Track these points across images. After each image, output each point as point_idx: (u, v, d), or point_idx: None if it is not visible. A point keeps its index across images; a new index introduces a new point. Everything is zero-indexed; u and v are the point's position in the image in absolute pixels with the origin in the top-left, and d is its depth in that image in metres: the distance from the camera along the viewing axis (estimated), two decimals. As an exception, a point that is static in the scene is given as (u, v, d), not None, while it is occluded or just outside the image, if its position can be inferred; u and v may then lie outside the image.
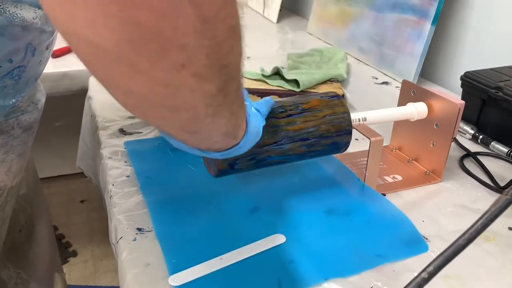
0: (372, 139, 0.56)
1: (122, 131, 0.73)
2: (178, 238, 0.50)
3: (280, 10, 1.47)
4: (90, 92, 0.87)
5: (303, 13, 1.56)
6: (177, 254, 0.48)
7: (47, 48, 0.57)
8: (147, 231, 0.51)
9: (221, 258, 0.47)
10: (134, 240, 0.50)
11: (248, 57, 1.09)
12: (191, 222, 0.53)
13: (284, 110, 0.51)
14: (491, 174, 0.66)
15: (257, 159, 0.50)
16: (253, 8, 1.61)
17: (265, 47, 1.24)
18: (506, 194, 0.32)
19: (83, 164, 0.91)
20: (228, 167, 0.49)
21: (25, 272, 0.78)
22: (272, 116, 0.50)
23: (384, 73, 1.05)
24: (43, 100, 0.65)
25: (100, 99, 0.83)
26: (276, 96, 0.72)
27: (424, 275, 0.31)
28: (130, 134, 0.73)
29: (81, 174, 0.96)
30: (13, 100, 0.56)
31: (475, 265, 0.49)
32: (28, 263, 0.80)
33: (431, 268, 0.31)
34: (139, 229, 0.52)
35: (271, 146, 0.50)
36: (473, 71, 0.78)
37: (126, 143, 0.69)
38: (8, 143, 0.59)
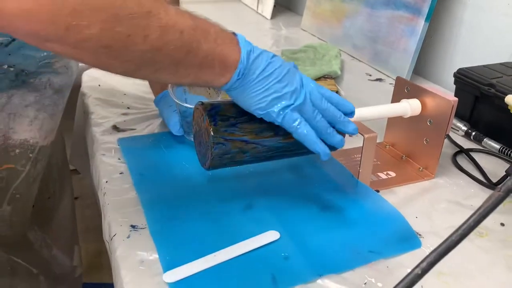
0: (366, 135, 0.56)
1: (116, 128, 0.73)
2: (172, 235, 0.50)
3: (274, 6, 1.47)
4: (84, 89, 0.86)
5: (297, 9, 1.56)
6: (171, 251, 0.48)
7: None
8: (141, 228, 0.51)
9: (215, 255, 0.47)
10: (128, 237, 0.50)
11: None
12: (185, 219, 0.53)
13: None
14: (484, 171, 0.66)
15: (249, 152, 0.50)
16: (247, 4, 1.61)
17: (259, 43, 1.22)
18: (499, 191, 0.32)
19: (76, 161, 0.91)
20: (220, 160, 0.49)
21: (49, 237, 0.83)
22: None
23: (377, 70, 1.05)
24: (75, 68, 0.72)
25: (93, 96, 0.83)
26: None
27: (418, 271, 0.31)
28: (124, 131, 0.72)
29: (74, 171, 0.95)
30: (45, 53, 0.62)
31: (467, 261, 0.49)
32: (52, 230, 0.84)
33: (424, 264, 0.31)
34: (133, 226, 0.51)
35: (265, 140, 0.50)
36: (466, 68, 0.78)
37: (120, 140, 0.69)
38: (40, 101, 0.66)
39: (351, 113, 0.53)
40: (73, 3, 0.35)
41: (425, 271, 0.31)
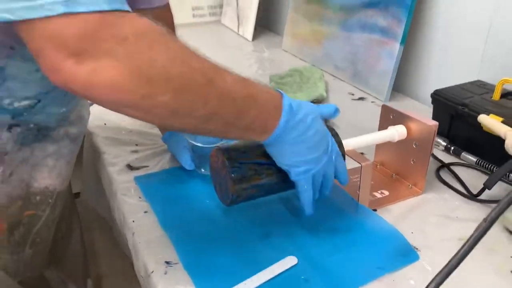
0: (363, 164, 0.64)
1: (130, 167, 0.79)
2: (203, 267, 0.57)
3: (255, 28, 1.54)
4: (90, 128, 0.91)
5: (277, 30, 1.63)
6: (206, 283, 0.54)
7: None
8: (175, 264, 0.58)
9: (245, 283, 0.54)
10: (165, 273, 0.56)
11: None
12: (211, 251, 0.59)
13: None
14: (465, 183, 0.75)
15: (264, 173, 0.58)
16: (227, 26, 1.68)
17: (243, 68, 1.31)
18: (485, 221, 0.40)
19: (87, 195, 0.95)
20: (239, 185, 0.56)
21: (64, 274, 0.88)
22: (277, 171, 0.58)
23: (359, 89, 1.14)
24: (87, 117, 0.79)
25: (101, 135, 0.88)
26: None
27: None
28: (137, 168, 0.78)
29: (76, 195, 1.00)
30: (64, 109, 0.68)
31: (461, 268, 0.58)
32: (66, 267, 0.89)
33: (432, 285, 0.39)
34: (167, 262, 0.58)
35: (276, 182, 0.58)
36: (441, 89, 0.87)
37: (137, 179, 0.74)
38: (59, 151, 0.71)
39: (342, 183, 0.62)
40: (148, 74, 0.41)
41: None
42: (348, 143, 0.67)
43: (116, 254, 1.17)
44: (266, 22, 1.69)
